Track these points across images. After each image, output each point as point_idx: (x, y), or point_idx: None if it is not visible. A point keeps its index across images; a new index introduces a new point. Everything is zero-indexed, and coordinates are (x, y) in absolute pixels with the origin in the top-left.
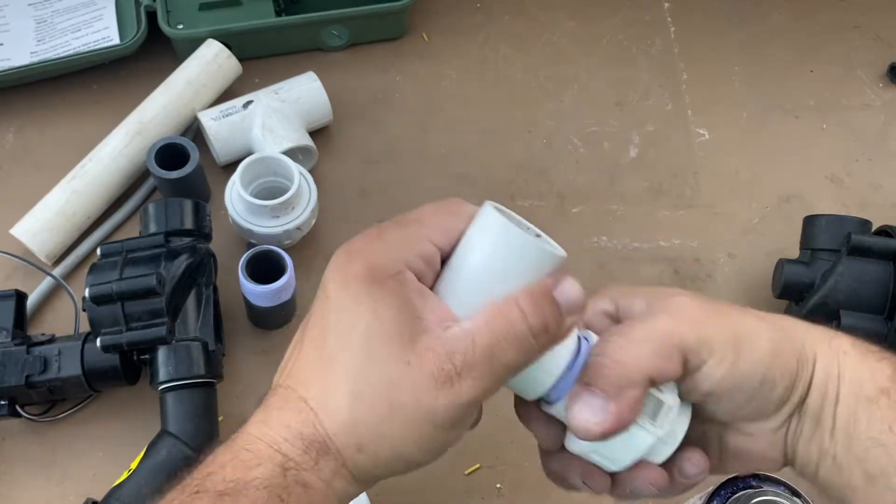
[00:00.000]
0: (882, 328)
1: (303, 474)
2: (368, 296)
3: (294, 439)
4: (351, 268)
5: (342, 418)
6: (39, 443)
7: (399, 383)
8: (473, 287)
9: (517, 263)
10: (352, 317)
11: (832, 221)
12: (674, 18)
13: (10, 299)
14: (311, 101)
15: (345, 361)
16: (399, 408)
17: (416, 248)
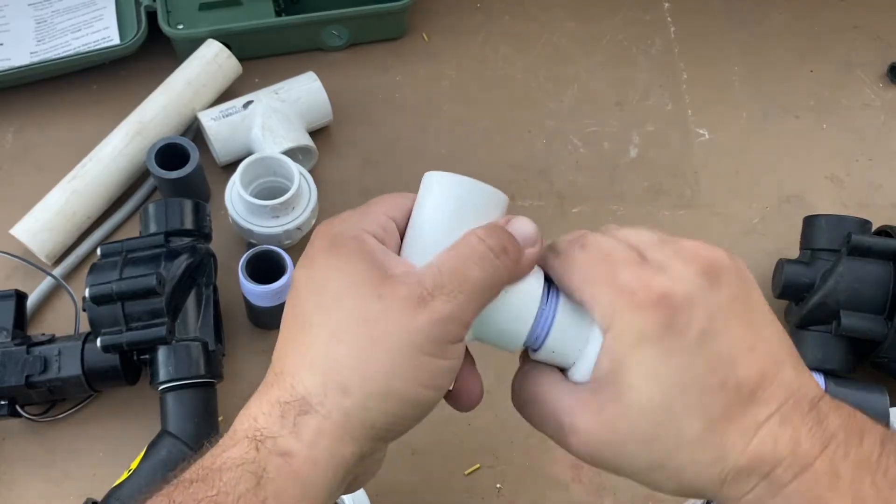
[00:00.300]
0: (882, 328)
1: (280, 442)
2: (334, 259)
3: (271, 409)
4: (314, 248)
5: (320, 366)
6: (39, 443)
7: (375, 316)
8: (431, 239)
9: (465, 206)
10: (320, 281)
11: (832, 221)
12: (674, 18)
13: (10, 299)
14: (311, 101)
15: (318, 320)
16: (378, 338)
17: (373, 220)
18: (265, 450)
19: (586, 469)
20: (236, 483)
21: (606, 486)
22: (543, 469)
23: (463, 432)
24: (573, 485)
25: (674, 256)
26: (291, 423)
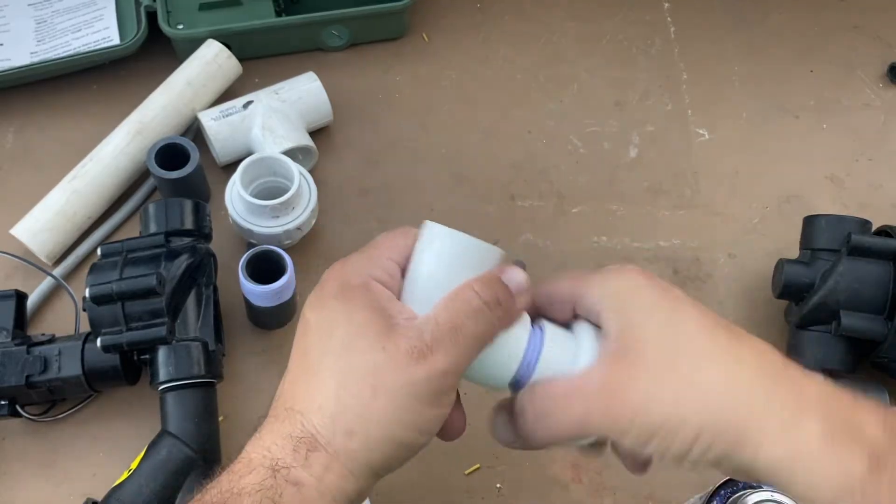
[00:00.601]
0: (882, 328)
1: (293, 473)
2: (342, 305)
3: (284, 442)
4: (324, 292)
5: (329, 410)
6: (39, 443)
7: (378, 367)
8: (429, 289)
9: (462, 261)
10: (329, 327)
11: (832, 221)
12: (674, 18)
13: (10, 299)
14: (311, 101)
15: (327, 364)
16: (381, 388)
17: (378, 264)
18: (281, 478)
19: (586, 469)
20: None
21: (606, 486)
22: (543, 469)
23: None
24: (573, 485)
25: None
26: (303, 457)
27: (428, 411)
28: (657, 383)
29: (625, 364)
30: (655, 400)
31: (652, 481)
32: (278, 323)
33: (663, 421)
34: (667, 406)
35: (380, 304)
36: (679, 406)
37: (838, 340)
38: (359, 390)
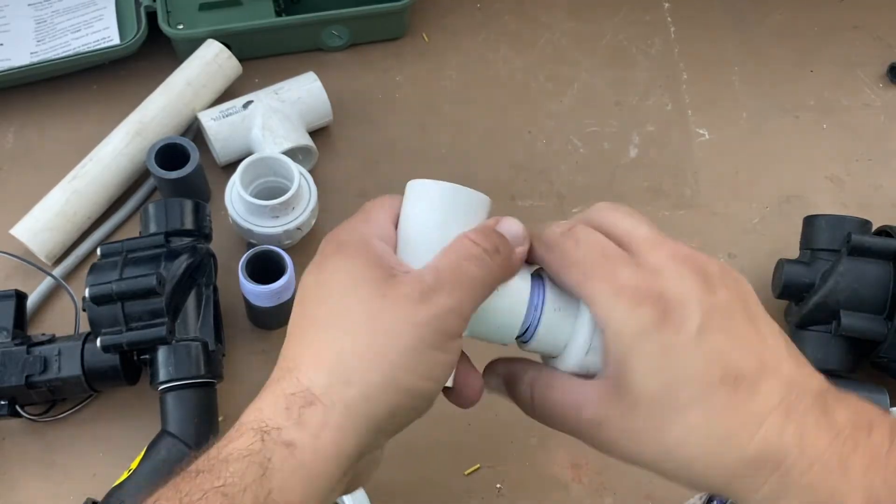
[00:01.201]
0: (882, 328)
1: (284, 433)
2: (340, 261)
3: (276, 401)
4: (322, 254)
5: (325, 360)
6: (39, 443)
7: (379, 311)
8: (424, 243)
9: (451, 211)
10: (327, 282)
11: (832, 221)
12: (674, 18)
13: (10, 299)
14: (311, 101)
15: (323, 316)
16: (382, 332)
17: (373, 224)
18: (270, 440)
19: (586, 469)
20: (242, 473)
21: (606, 486)
22: (543, 469)
23: (463, 432)
24: (573, 485)
25: (669, 259)
26: (296, 415)
27: (432, 355)
28: (640, 441)
29: (618, 402)
30: (641, 453)
31: (652, 481)
32: (278, 323)
33: (648, 463)
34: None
35: (378, 256)
36: (657, 461)
37: (838, 340)
38: (357, 336)
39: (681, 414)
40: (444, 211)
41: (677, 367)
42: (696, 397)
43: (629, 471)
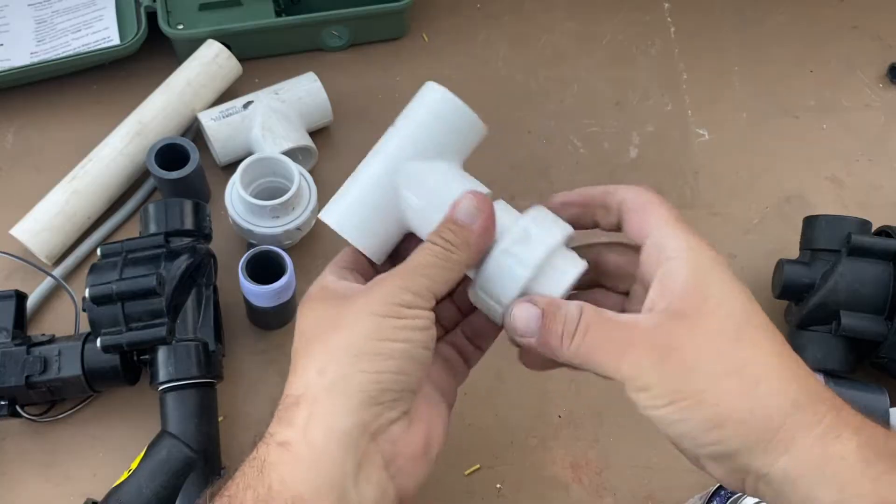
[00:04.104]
0: (882, 328)
1: (277, 436)
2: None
3: (272, 418)
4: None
5: (302, 367)
6: (39, 443)
7: (337, 315)
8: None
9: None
10: (301, 324)
11: (832, 221)
12: (674, 18)
13: (10, 299)
14: (311, 102)
15: (303, 348)
16: (342, 322)
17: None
18: (265, 445)
19: (586, 469)
20: (244, 476)
21: (606, 486)
22: (543, 469)
23: (463, 432)
24: (573, 485)
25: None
26: (286, 419)
27: (388, 321)
28: (711, 356)
29: (688, 325)
30: (703, 372)
31: (652, 482)
32: (278, 323)
33: (700, 392)
34: (710, 380)
35: (333, 289)
36: (722, 383)
37: (838, 340)
38: (323, 336)
39: (750, 346)
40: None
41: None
42: (765, 337)
43: (629, 471)
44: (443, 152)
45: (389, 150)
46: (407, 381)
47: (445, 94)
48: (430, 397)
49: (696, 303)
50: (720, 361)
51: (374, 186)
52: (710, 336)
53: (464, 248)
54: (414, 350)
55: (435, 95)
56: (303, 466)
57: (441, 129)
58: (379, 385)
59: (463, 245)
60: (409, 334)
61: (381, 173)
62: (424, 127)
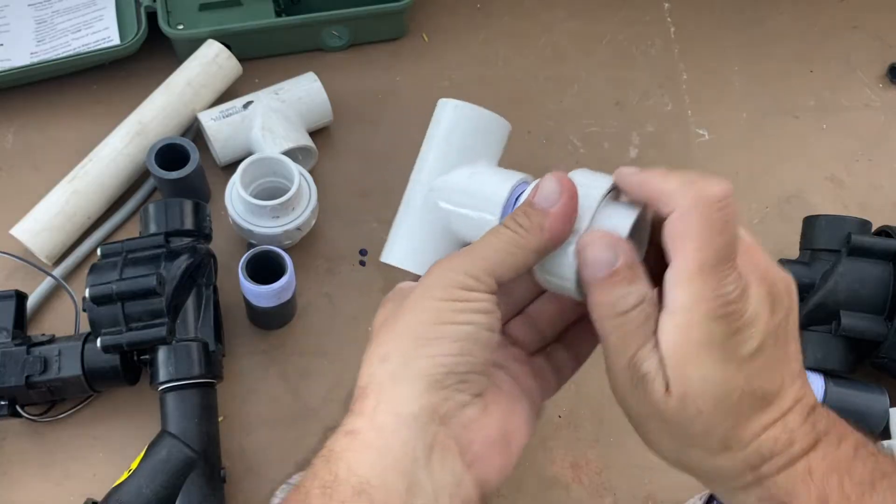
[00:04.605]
0: (882, 329)
1: (345, 427)
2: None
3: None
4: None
5: (368, 358)
6: (39, 443)
7: (404, 304)
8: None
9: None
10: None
11: (832, 222)
12: (674, 18)
13: (10, 299)
14: (311, 102)
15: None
16: (405, 310)
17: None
18: (333, 436)
19: (586, 469)
20: (312, 468)
21: (606, 487)
22: (543, 469)
23: None
24: (573, 485)
25: (754, 274)
26: (355, 410)
27: (447, 304)
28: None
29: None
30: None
31: (652, 482)
32: (278, 323)
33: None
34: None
35: (406, 288)
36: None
37: (838, 340)
38: (386, 325)
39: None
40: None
41: (726, 379)
42: (732, 407)
43: (629, 471)
44: (473, 159)
45: (423, 175)
46: (472, 364)
47: (457, 104)
48: (511, 392)
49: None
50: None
51: (419, 213)
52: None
53: (536, 233)
54: (477, 333)
55: (447, 109)
56: (370, 452)
57: (463, 138)
58: (443, 368)
59: (535, 229)
60: (470, 317)
61: (421, 198)
62: (446, 141)
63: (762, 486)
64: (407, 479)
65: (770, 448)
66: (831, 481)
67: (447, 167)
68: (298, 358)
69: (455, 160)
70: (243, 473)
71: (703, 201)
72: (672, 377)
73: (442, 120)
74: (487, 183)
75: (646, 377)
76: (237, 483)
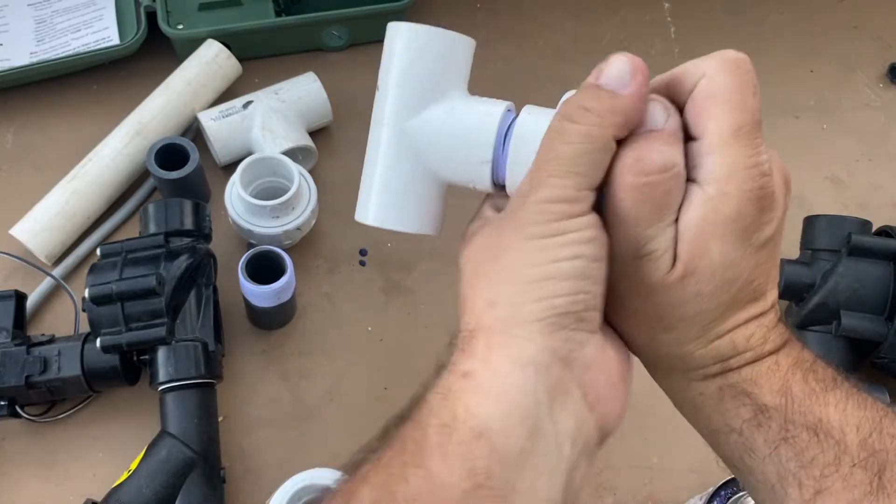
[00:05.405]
0: (882, 329)
1: (458, 366)
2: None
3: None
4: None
5: (470, 301)
6: (39, 443)
7: (498, 244)
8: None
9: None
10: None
11: (832, 222)
12: (674, 18)
13: (10, 300)
14: (311, 102)
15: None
16: (501, 251)
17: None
18: (447, 374)
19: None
20: (427, 404)
21: (606, 487)
22: None
23: None
24: None
25: (774, 161)
26: (467, 351)
27: (547, 242)
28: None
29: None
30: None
31: (652, 482)
32: (278, 323)
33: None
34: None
35: (491, 221)
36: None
37: (838, 341)
38: (487, 268)
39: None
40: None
41: (739, 259)
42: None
43: (629, 471)
44: (442, 89)
45: (388, 117)
46: (586, 300)
47: (413, 27)
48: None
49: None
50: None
51: (393, 163)
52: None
53: (609, 118)
54: (585, 266)
55: (402, 34)
56: (489, 396)
57: (426, 67)
58: (556, 310)
59: (608, 114)
60: (576, 250)
61: (392, 144)
62: (407, 75)
63: (725, 376)
64: (527, 425)
65: (744, 343)
66: (796, 375)
67: (415, 104)
68: (298, 358)
69: (422, 94)
70: (243, 473)
71: (733, 62)
72: (684, 253)
73: (397, 50)
74: (470, 117)
75: (652, 254)
76: (237, 483)
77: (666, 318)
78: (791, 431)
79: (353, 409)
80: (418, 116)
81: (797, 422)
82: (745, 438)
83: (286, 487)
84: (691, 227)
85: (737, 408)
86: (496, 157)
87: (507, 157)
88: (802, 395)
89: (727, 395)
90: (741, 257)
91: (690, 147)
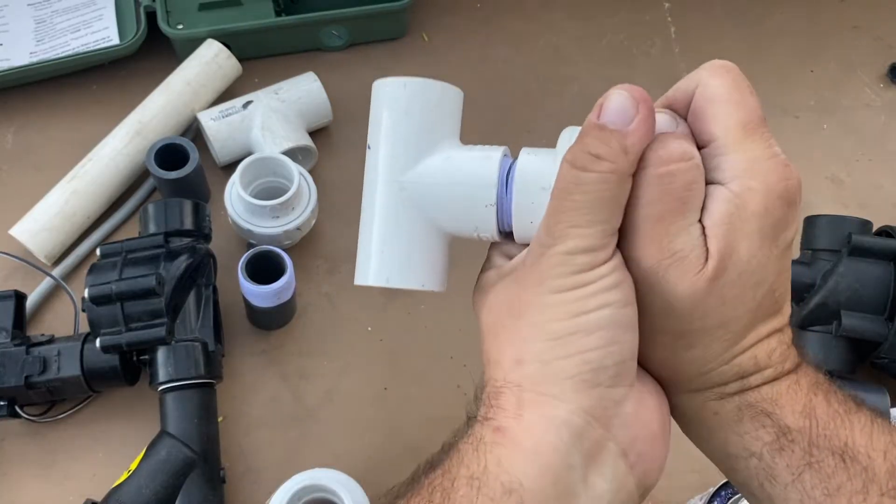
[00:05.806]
0: (882, 329)
1: (492, 422)
2: (481, 297)
3: (483, 404)
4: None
5: (495, 357)
6: (39, 443)
7: (516, 299)
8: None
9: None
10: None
11: (832, 221)
12: (674, 18)
13: (10, 300)
14: (311, 101)
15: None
16: (523, 307)
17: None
18: (479, 425)
19: None
20: (458, 454)
21: None
22: None
23: None
24: None
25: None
26: (496, 405)
27: (569, 295)
28: (710, 298)
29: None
30: (689, 313)
31: None
32: (278, 323)
33: (682, 328)
34: (691, 320)
35: (504, 270)
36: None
37: (839, 341)
38: (509, 323)
39: (738, 303)
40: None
41: (765, 263)
42: (755, 299)
43: None
44: (435, 140)
45: (382, 173)
46: (620, 351)
47: (396, 82)
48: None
49: (721, 265)
50: (692, 317)
51: (392, 219)
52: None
53: (621, 158)
54: (614, 315)
55: (388, 90)
56: (522, 452)
57: (418, 118)
58: (589, 365)
59: (618, 154)
60: (602, 299)
61: (389, 200)
62: (398, 129)
63: (743, 395)
64: (560, 488)
65: (766, 359)
66: (818, 396)
67: (409, 157)
68: (298, 358)
69: (416, 146)
70: (243, 473)
71: (722, 67)
72: (716, 249)
73: (385, 105)
74: (469, 162)
75: (678, 253)
76: (237, 483)
77: (688, 335)
78: (816, 456)
79: (353, 409)
80: (414, 169)
81: (822, 446)
82: (765, 464)
83: (286, 487)
84: (719, 223)
85: (756, 430)
86: (500, 201)
87: (511, 199)
88: (827, 418)
89: (746, 416)
90: (767, 258)
91: (703, 154)
